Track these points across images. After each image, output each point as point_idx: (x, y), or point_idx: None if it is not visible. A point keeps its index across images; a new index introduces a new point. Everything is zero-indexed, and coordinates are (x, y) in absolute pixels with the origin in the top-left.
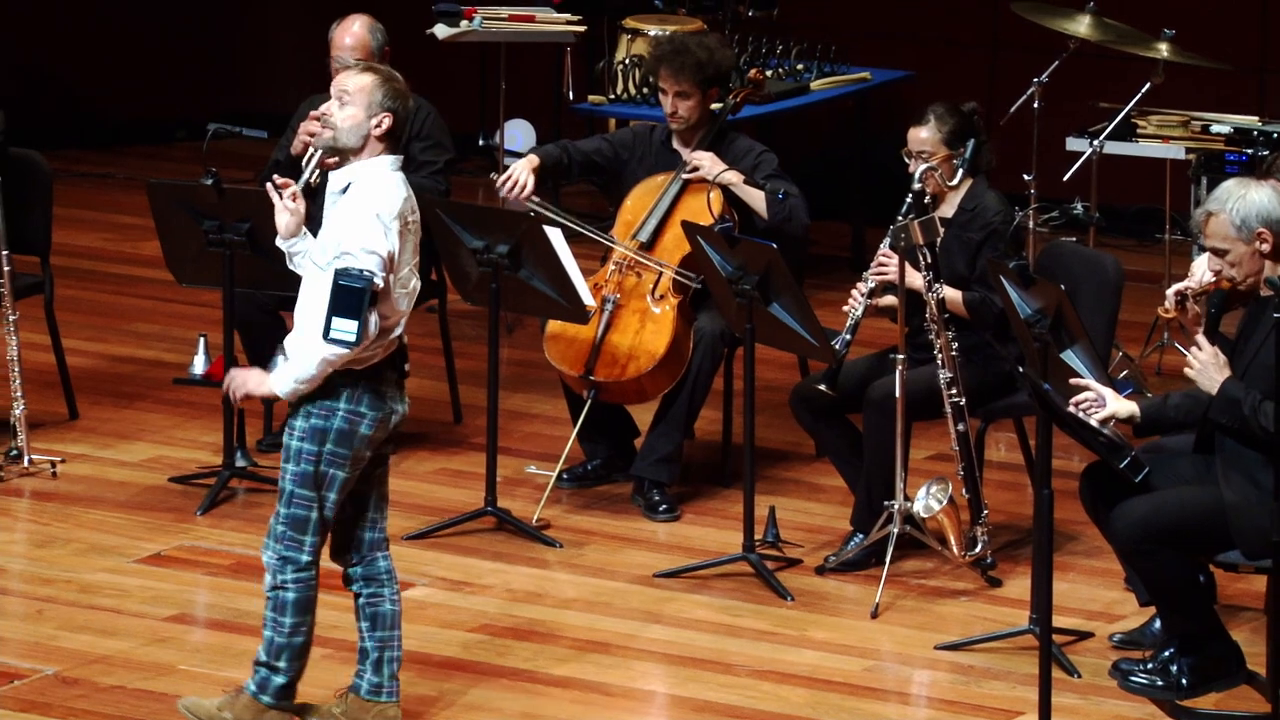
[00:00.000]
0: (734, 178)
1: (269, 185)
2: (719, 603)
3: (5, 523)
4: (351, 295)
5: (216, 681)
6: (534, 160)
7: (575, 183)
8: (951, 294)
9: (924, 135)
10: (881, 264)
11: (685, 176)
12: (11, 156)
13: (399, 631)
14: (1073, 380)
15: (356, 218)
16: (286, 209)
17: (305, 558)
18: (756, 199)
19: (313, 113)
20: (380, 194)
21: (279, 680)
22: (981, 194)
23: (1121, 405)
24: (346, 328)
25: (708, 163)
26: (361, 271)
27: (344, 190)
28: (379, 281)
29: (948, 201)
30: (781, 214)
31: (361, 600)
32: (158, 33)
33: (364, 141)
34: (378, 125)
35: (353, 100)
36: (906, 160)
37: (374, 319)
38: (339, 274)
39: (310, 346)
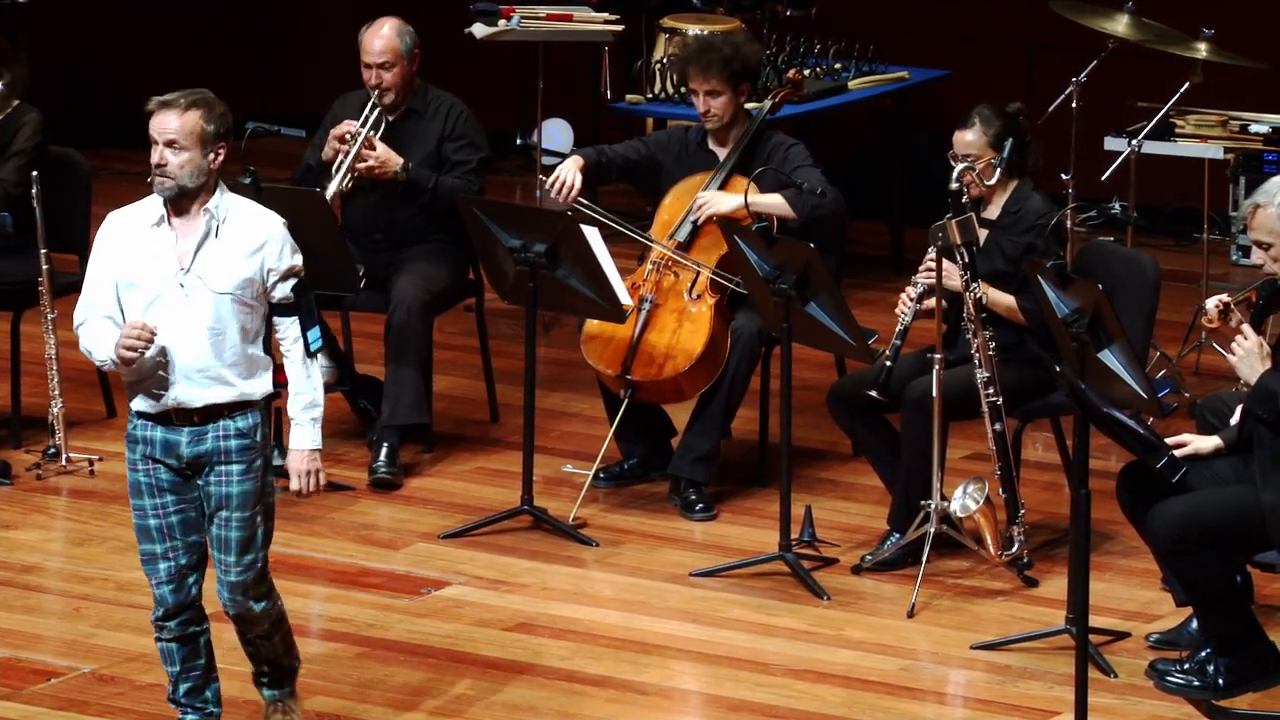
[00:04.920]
0: (740, 199)
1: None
2: (755, 602)
3: (43, 521)
4: (314, 304)
5: (252, 680)
6: (579, 160)
7: (612, 183)
8: (1003, 298)
9: (969, 138)
10: (930, 268)
11: (692, 223)
12: (50, 155)
13: None
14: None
15: (278, 238)
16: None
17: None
18: (778, 205)
19: (338, 128)
20: (270, 212)
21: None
22: (1026, 196)
23: (1204, 441)
24: (316, 334)
25: (709, 202)
26: (307, 280)
27: (219, 226)
28: None
29: (993, 203)
30: (805, 208)
31: (205, 635)
32: (197, 31)
33: (206, 178)
34: (215, 159)
35: (185, 144)
36: (952, 163)
37: None
38: (302, 289)
39: (305, 376)
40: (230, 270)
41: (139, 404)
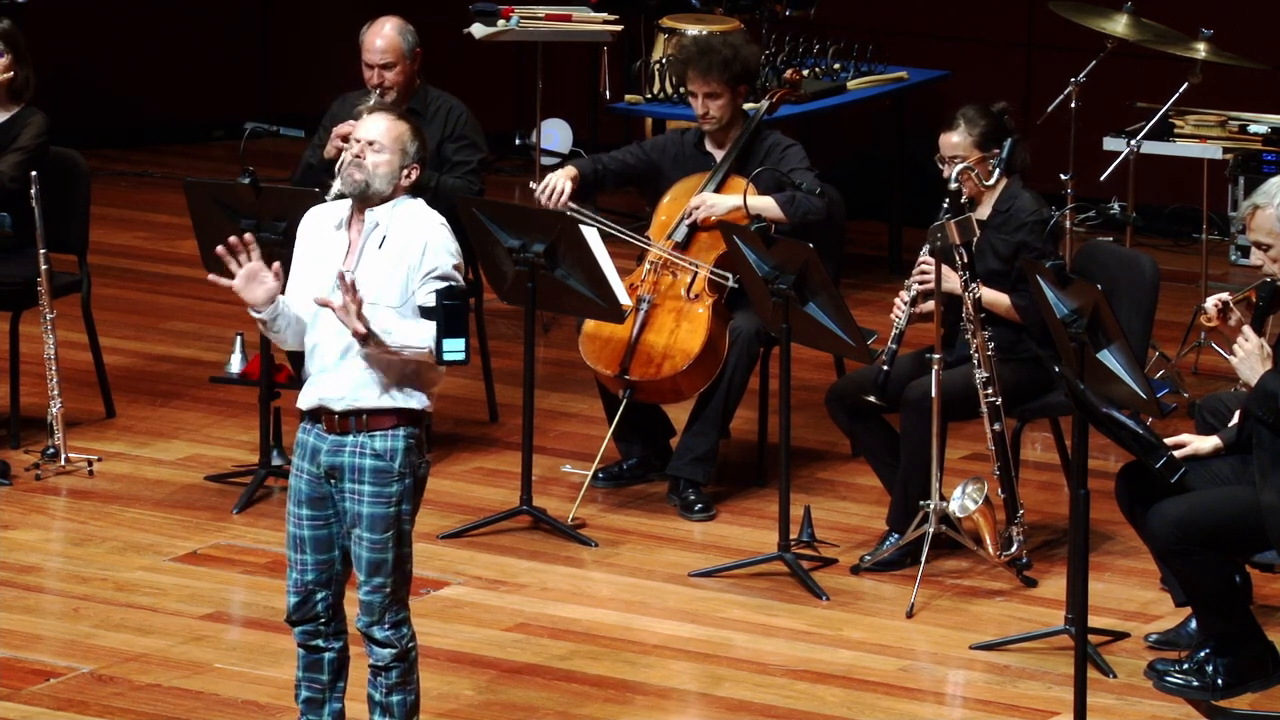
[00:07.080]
0: (736, 200)
1: (223, 247)
2: (754, 602)
3: (42, 521)
4: (460, 313)
5: (252, 680)
6: (572, 170)
7: (612, 191)
8: (998, 297)
9: (955, 140)
10: (923, 271)
11: (689, 225)
12: (50, 155)
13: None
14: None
15: (428, 238)
16: (260, 280)
17: (408, 611)
18: (769, 207)
19: (340, 126)
20: (433, 213)
21: None
22: (1016, 194)
23: (1203, 441)
24: (458, 347)
25: (704, 204)
26: (459, 288)
27: (385, 236)
28: None
29: (984, 203)
30: (796, 212)
31: (333, 653)
32: (195, 32)
33: (393, 190)
34: (407, 176)
35: (387, 148)
36: (940, 166)
37: None
38: (445, 295)
39: (420, 338)
40: (383, 280)
41: (300, 400)
